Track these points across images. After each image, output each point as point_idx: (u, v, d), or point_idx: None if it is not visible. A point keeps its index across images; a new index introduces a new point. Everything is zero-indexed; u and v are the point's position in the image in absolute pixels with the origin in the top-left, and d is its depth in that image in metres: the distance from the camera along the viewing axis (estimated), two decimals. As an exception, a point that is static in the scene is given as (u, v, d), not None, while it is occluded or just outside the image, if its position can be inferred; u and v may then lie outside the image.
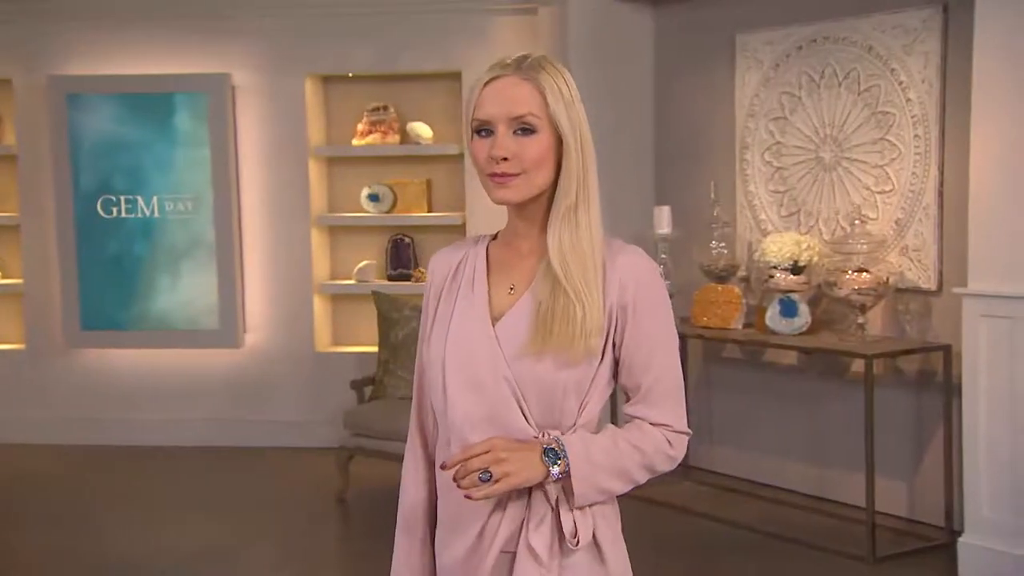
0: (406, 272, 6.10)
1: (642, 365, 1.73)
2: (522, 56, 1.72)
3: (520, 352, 1.69)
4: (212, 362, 6.23)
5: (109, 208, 6.17)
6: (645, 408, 1.75)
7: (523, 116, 1.68)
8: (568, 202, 1.71)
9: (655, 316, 1.74)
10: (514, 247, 1.78)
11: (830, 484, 4.96)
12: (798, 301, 4.73)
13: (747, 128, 5.17)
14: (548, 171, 1.71)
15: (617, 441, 1.72)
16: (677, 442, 1.77)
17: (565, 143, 1.70)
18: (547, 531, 1.70)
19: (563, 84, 1.71)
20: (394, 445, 4.95)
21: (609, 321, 1.72)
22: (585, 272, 1.69)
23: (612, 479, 1.71)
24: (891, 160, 4.61)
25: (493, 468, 1.63)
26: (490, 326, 1.73)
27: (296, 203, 6.09)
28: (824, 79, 4.83)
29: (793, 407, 5.10)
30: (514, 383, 1.70)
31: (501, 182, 1.69)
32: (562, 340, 1.67)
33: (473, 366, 1.71)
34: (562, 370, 1.69)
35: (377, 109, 6.05)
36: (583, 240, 1.70)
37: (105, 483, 5.61)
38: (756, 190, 5.16)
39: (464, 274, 1.79)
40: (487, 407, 1.70)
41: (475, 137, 1.71)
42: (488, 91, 1.70)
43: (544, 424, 1.71)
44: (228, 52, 6.10)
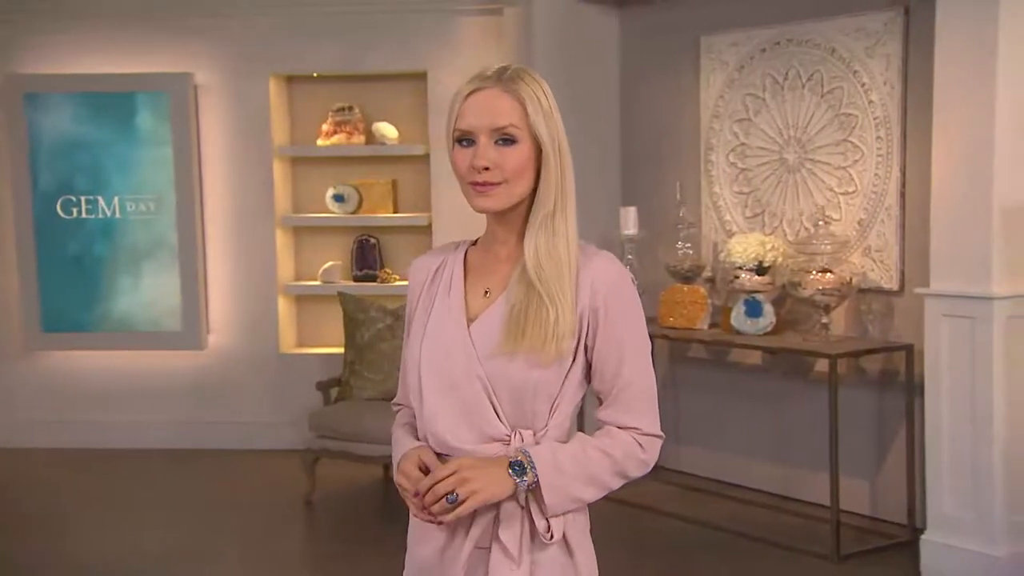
0: (372, 273, 6.09)
1: (613, 369, 1.77)
2: (502, 67, 1.77)
3: (493, 352, 1.73)
4: (175, 364, 6.19)
5: (69, 209, 6.11)
6: (615, 412, 1.79)
7: (504, 127, 1.73)
8: (546, 211, 1.76)
9: (626, 320, 1.77)
10: (492, 252, 1.82)
11: (795, 483, 5.01)
12: (763, 301, 4.77)
13: (712, 129, 5.21)
14: (528, 180, 1.76)
15: (586, 448, 1.75)
16: (649, 446, 1.80)
17: (544, 153, 1.75)
18: (518, 528, 1.74)
19: (542, 95, 1.76)
20: (361, 447, 4.98)
21: (581, 324, 1.75)
22: (559, 277, 1.74)
23: (583, 487, 1.74)
24: (854, 161, 4.67)
25: (459, 488, 1.68)
26: (465, 327, 1.77)
27: (260, 204, 6.07)
28: (788, 81, 4.88)
29: (758, 407, 5.14)
30: (487, 382, 1.74)
31: (482, 191, 1.74)
32: (534, 341, 1.71)
33: (448, 366, 1.76)
34: (533, 370, 1.72)
35: (342, 109, 6.03)
36: (559, 247, 1.75)
37: (69, 486, 5.56)
38: (721, 191, 5.20)
39: (443, 278, 1.84)
40: (461, 406, 1.75)
41: (456, 147, 1.76)
42: (470, 102, 1.75)
43: (516, 424, 1.75)
44: (191, 51, 6.06)
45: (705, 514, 4.85)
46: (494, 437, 1.75)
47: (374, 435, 4.92)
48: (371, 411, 5.05)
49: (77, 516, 5.10)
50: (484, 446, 1.74)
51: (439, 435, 1.76)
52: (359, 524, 4.90)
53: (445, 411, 1.75)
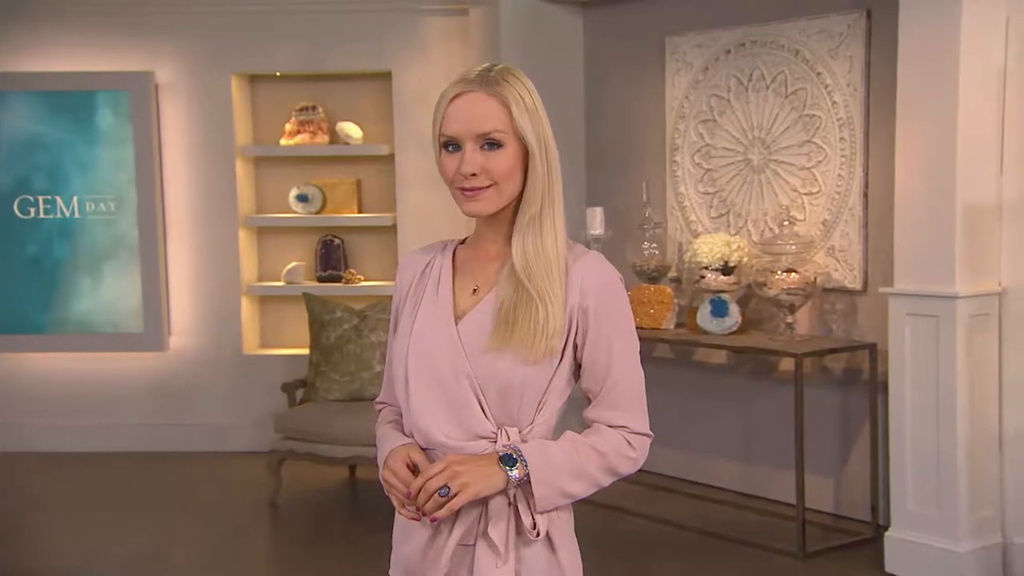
0: (336, 273, 6.06)
1: (602, 368, 1.78)
2: (486, 69, 1.76)
3: (481, 349, 1.74)
4: (136, 366, 6.13)
5: (26, 209, 6.04)
6: (604, 411, 1.80)
7: (489, 133, 1.73)
8: (533, 211, 1.76)
9: (615, 319, 1.78)
10: (481, 251, 1.83)
11: (760, 481, 5.05)
12: (728, 301, 4.81)
13: (677, 130, 5.24)
14: (517, 181, 1.76)
15: (576, 445, 1.77)
16: (638, 444, 1.81)
17: (531, 154, 1.75)
18: (504, 524, 1.75)
19: (527, 95, 1.76)
20: (327, 448, 4.97)
21: (570, 323, 1.76)
22: (548, 276, 1.74)
23: (573, 481, 1.75)
24: (817, 162, 4.71)
25: (451, 482, 1.68)
26: (453, 324, 1.77)
27: (223, 204, 6.02)
28: (752, 82, 4.93)
29: (723, 406, 5.18)
30: (474, 379, 1.74)
31: (472, 196, 1.74)
32: (523, 338, 1.72)
33: (435, 362, 1.76)
34: (521, 368, 1.73)
35: (305, 109, 6.00)
36: (547, 246, 1.76)
37: (27, 491, 5.48)
38: (686, 191, 5.24)
39: (431, 275, 1.84)
40: (447, 402, 1.75)
41: (443, 151, 1.76)
42: (454, 107, 1.74)
43: (503, 421, 1.76)
44: (151, 49, 6.00)
45: (670, 513, 4.88)
46: (480, 434, 1.75)
47: (341, 436, 4.93)
48: (338, 412, 5.05)
49: (35, 521, 5.03)
50: (471, 443, 1.75)
51: (425, 431, 1.77)
52: (325, 526, 4.88)
53: (432, 407, 1.76)
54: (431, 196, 5.92)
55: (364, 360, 5.24)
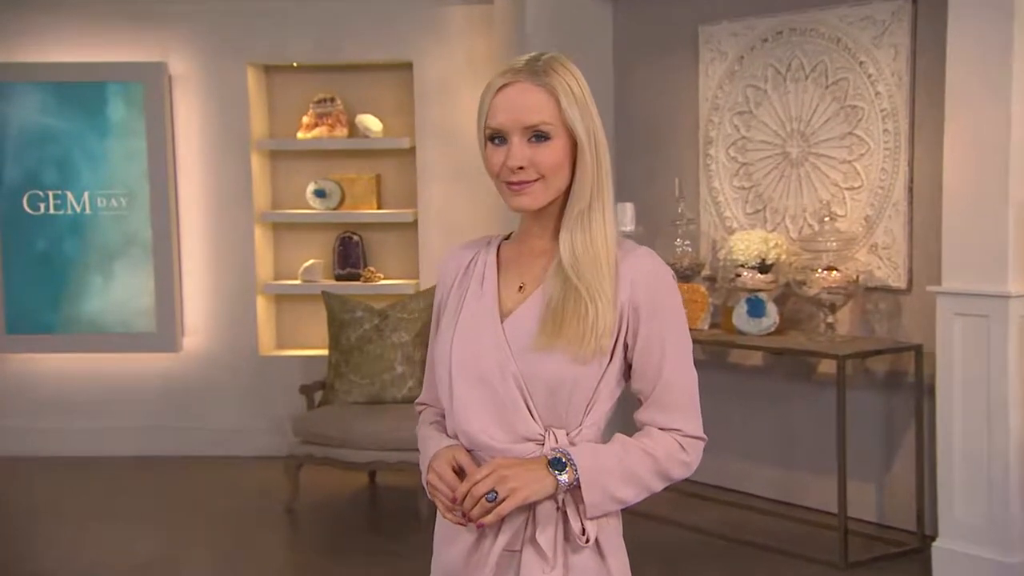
0: (355, 271, 6.04)
1: (653, 368, 1.77)
2: (533, 58, 1.76)
3: (528, 348, 1.74)
4: (149, 367, 6.12)
5: (36, 204, 6.04)
6: (655, 413, 1.79)
7: (537, 125, 1.73)
8: (581, 206, 1.76)
9: (667, 318, 1.77)
10: (527, 247, 1.83)
11: (798, 488, 5.00)
12: (765, 300, 4.76)
13: (711, 122, 5.19)
14: (565, 174, 1.76)
15: (627, 448, 1.76)
16: (691, 447, 1.81)
17: (580, 147, 1.75)
18: (552, 530, 1.74)
19: (575, 85, 1.75)
20: (347, 452, 4.96)
21: (620, 322, 1.76)
22: (598, 272, 1.74)
23: (624, 486, 1.74)
24: (860, 155, 4.66)
25: (498, 487, 1.68)
26: (498, 322, 1.77)
27: (238, 199, 6.00)
28: (790, 72, 4.87)
29: (759, 410, 5.13)
30: (521, 380, 1.74)
31: (518, 190, 1.74)
32: (572, 337, 1.71)
33: (480, 362, 1.76)
34: (570, 368, 1.72)
35: (323, 101, 5.97)
36: (596, 242, 1.75)
37: (34, 496, 5.48)
38: (721, 186, 5.19)
39: (475, 272, 1.84)
40: (493, 403, 1.75)
41: (488, 144, 1.76)
42: (500, 98, 1.74)
43: (550, 423, 1.75)
44: (164, 39, 5.99)
45: (704, 521, 4.83)
46: (527, 436, 1.75)
47: (361, 440, 4.92)
48: (358, 415, 5.04)
49: (42, 528, 5.02)
50: (517, 445, 1.75)
51: (471, 433, 1.76)
52: (345, 534, 4.86)
53: (477, 409, 1.76)
54: (453, 191, 5.90)
55: (385, 361, 5.22)
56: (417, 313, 5.30)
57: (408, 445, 4.82)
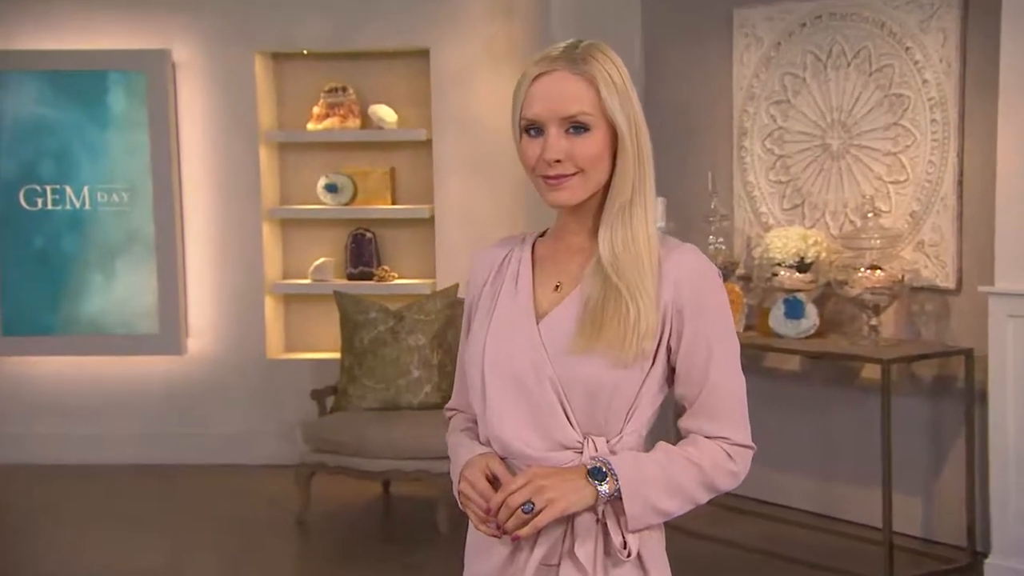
0: (368, 270, 6.01)
1: (698, 372, 1.76)
2: (571, 45, 1.76)
3: (565, 351, 1.73)
4: (151, 370, 6.11)
5: (33, 199, 6.03)
6: (701, 420, 1.78)
7: (575, 115, 1.72)
8: (622, 200, 1.76)
9: (713, 319, 1.76)
10: (563, 244, 1.82)
11: (839, 501, 4.96)
12: (804, 301, 4.73)
13: (746, 113, 5.16)
14: (605, 168, 1.75)
15: (671, 456, 1.75)
16: (739, 456, 1.79)
17: (620, 138, 1.74)
18: (592, 543, 1.74)
19: (616, 73, 1.75)
20: (361, 461, 4.95)
21: (663, 323, 1.75)
22: (639, 271, 1.73)
23: (668, 498, 1.74)
24: (905, 147, 4.61)
25: (535, 497, 1.68)
26: (534, 323, 1.77)
27: (245, 194, 5.99)
28: (831, 59, 4.83)
29: (797, 417, 5.08)
30: (558, 384, 1.73)
31: (555, 184, 1.74)
32: (612, 339, 1.71)
33: (514, 365, 1.76)
34: (610, 371, 1.72)
35: (335, 90, 5.95)
36: (638, 238, 1.75)
37: (32, 504, 5.47)
38: (756, 180, 5.15)
39: (508, 271, 1.84)
40: (528, 408, 1.75)
41: (524, 136, 1.75)
42: (536, 88, 1.74)
43: (589, 430, 1.75)
44: (168, 25, 5.97)
45: (740, 535, 4.80)
46: (565, 444, 1.74)
47: (376, 448, 4.91)
48: (372, 422, 5.02)
49: (41, 538, 5.01)
50: (554, 453, 1.74)
51: (505, 440, 1.76)
52: (357, 546, 4.85)
53: (511, 415, 1.75)
54: (472, 185, 5.88)
55: (401, 365, 5.19)
56: (434, 314, 5.27)
57: (425, 453, 4.83)
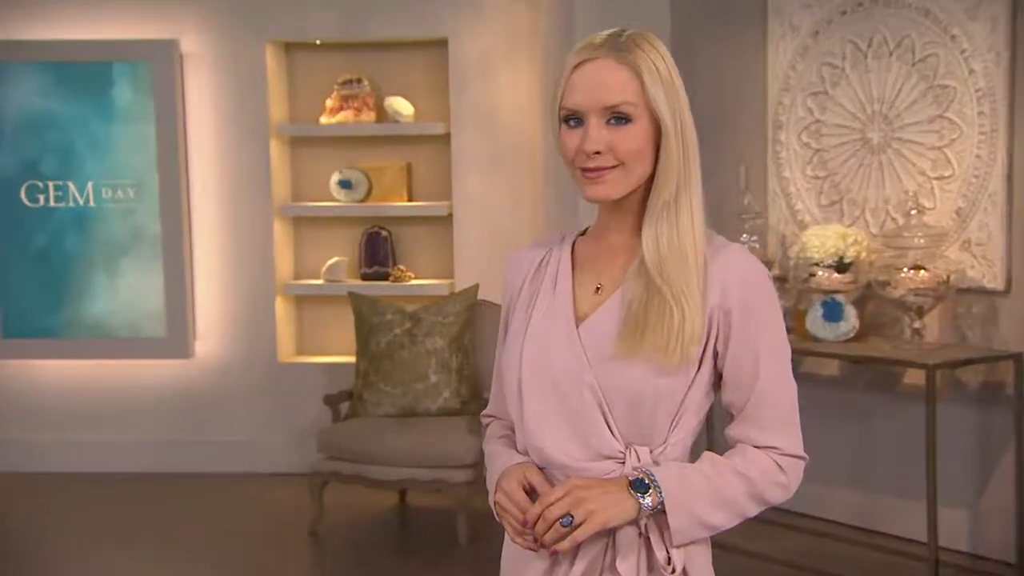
0: (383, 270, 6.01)
1: (747, 379, 1.76)
2: (615, 33, 1.77)
3: (606, 356, 1.73)
4: (158, 375, 6.11)
5: (35, 196, 6.05)
6: (750, 429, 1.78)
7: (617, 105, 1.73)
8: (667, 196, 1.75)
9: (763, 323, 1.76)
10: (604, 243, 1.83)
11: (880, 514, 4.92)
12: (844, 303, 4.68)
13: (781, 105, 5.12)
14: (647, 162, 1.75)
15: (718, 468, 1.75)
16: (789, 468, 1.78)
17: (664, 131, 1.75)
18: (634, 558, 1.73)
19: (662, 64, 1.76)
20: (376, 470, 4.95)
21: (710, 327, 1.75)
22: (684, 272, 1.73)
23: (714, 511, 1.73)
24: (951, 141, 4.57)
25: (574, 510, 1.68)
26: (574, 327, 1.77)
27: (255, 190, 5.99)
28: (872, 48, 4.79)
29: (836, 426, 5.03)
30: (599, 390, 1.73)
31: (594, 177, 1.74)
32: (655, 344, 1.70)
33: (552, 370, 1.76)
34: (654, 379, 1.71)
35: (349, 82, 5.95)
36: (684, 237, 1.74)
37: (33, 516, 5.47)
38: (792, 176, 5.12)
39: (547, 272, 1.84)
40: (567, 416, 1.75)
41: (563, 127, 1.76)
42: (577, 76, 1.74)
43: (631, 439, 1.75)
44: (176, 14, 5.98)
45: (778, 550, 4.76)
46: (606, 454, 1.74)
47: (393, 456, 4.91)
48: (388, 429, 5.02)
49: (42, 551, 5.01)
50: (594, 464, 1.74)
51: (543, 450, 1.77)
52: (373, 558, 4.85)
53: (550, 423, 1.75)
54: (492, 182, 5.87)
55: (418, 370, 5.17)
56: (453, 316, 5.24)
57: (443, 462, 4.82)
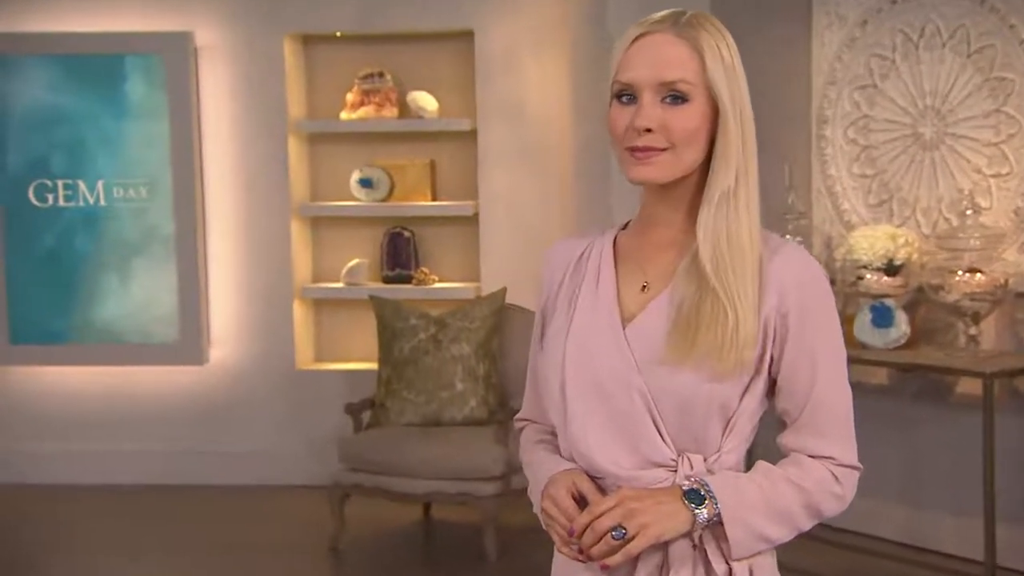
0: (405, 273, 6.00)
1: (803, 385, 1.75)
2: (677, 11, 1.76)
3: (656, 359, 1.72)
4: (170, 382, 6.11)
5: (43, 195, 6.06)
6: (805, 437, 1.77)
7: (674, 82, 1.71)
8: (726, 185, 1.74)
9: (820, 326, 1.75)
10: (650, 238, 1.81)
11: (931, 531, 4.87)
12: (894, 308, 4.65)
13: (827, 98, 5.08)
14: (699, 148, 1.74)
15: (773, 478, 1.74)
16: (845, 478, 1.78)
17: (723, 114, 1.73)
18: (689, 573, 1.73)
19: (725, 48, 1.75)
20: (400, 482, 4.94)
21: (766, 331, 1.74)
22: (741, 271, 1.72)
23: (771, 524, 1.72)
24: (1009, 136, 4.53)
25: (626, 522, 1.67)
26: (620, 328, 1.76)
27: (272, 189, 5.99)
28: (924, 39, 4.75)
29: (885, 437, 4.97)
30: (648, 396, 1.72)
31: (642, 158, 1.72)
32: (709, 348, 1.69)
33: (598, 374, 1.74)
34: (706, 384, 1.70)
35: (370, 76, 5.94)
36: (742, 233, 1.73)
37: (41, 529, 5.47)
38: (838, 174, 5.08)
39: (588, 268, 1.82)
40: (614, 421, 1.74)
41: (615, 103, 1.75)
42: (635, 50, 1.73)
43: (683, 447, 1.74)
44: (190, 6, 5.99)
45: (825, 568, 4.73)
46: (656, 462, 1.73)
47: (417, 468, 4.90)
48: (412, 439, 5.01)
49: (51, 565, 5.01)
50: (644, 472, 1.74)
51: (590, 457, 1.75)
52: (395, 574, 4.84)
53: (596, 429, 1.75)
54: (520, 180, 5.85)
55: (444, 377, 5.15)
56: (479, 321, 5.21)
57: (470, 474, 4.83)
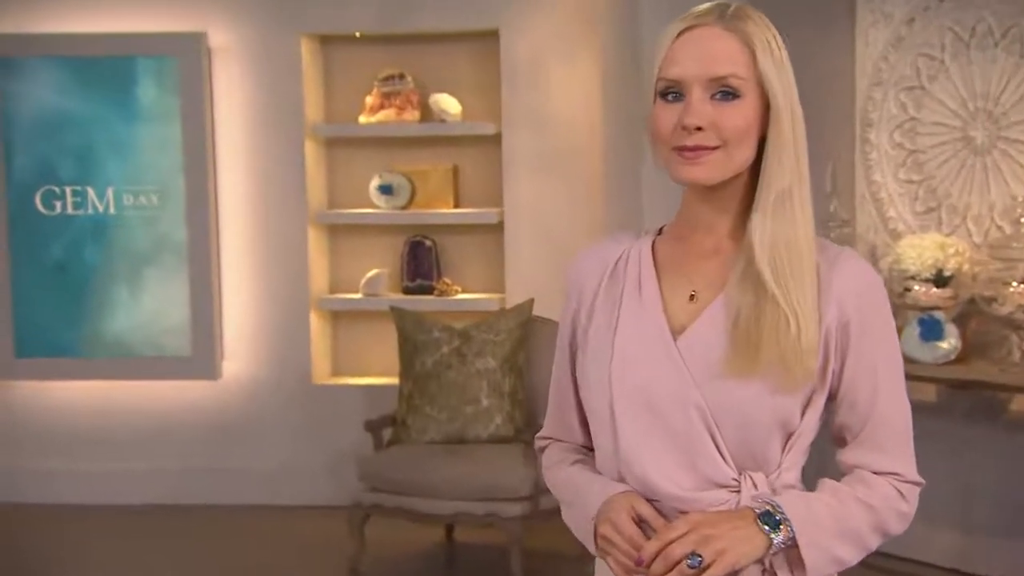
0: (427, 283, 5.99)
1: (865, 400, 1.75)
2: (722, 3, 1.75)
3: (715, 374, 1.70)
4: (182, 397, 6.11)
5: (51, 202, 6.06)
6: (868, 453, 1.78)
7: (725, 77, 1.69)
8: (782, 185, 1.71)
9: (880, 338, 1.75)
10: (693, 243, 1.78)
11: (982, 556, 4.79)
12: (943, 321, 4.60)
13: (872, 100, 5.02)
14: (750, 146, 1.71)
15: (841, 497, 1.74)
16: (910, 495, 1.80)
17: (775, 111, 1.71)
18: None
19: (774, 42, 1.73)
20: (423, 503, 4.91)
21: (827, 342, 1.72)
22: (800, 278, 1.70)
23: (843, 545, 1.72)
24: (1065, 140, 4.48)
25: (702, 549, 1.64)
26: (671, 341, 1.73)
27: (289, 196, 5.99)
28: (975, 38, 4.69)
29: (933, 457, 4.82)
30: (707, 412, 1.70)
31: (692, 158, 1.69)
32: (772, 361, 1.67)
33: (650, 390, 1.72)
34: (769, 398, 1.69)
35: (391, 78, 5.93)
36: (799, 237, 1.70)
37: (48, 550, 5.47)
38: (883, 180, 5.02)
39: (627, 276, 1.80)
40: (670, 439, 1.72)
41: (659, 101, 1.72)
42: (681, 44, 1.70)
43: (743, 465, 1.73)
44: (203, 6, 5.99)
45: (869, 595, 4.62)
46: (717, 482, 1.72)
47: (441, 488, 4.86)
48: (435, 458, 4.98)
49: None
50: (706, 493, 1.72)
51: (646, 478, 1.73)
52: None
53: (651, 448, 1.73)
54: (546, 187, 5.83)
55: (468, 392, 5.11)
56: (505, 334, 5.16)
57: (495, 494, 4.78)
